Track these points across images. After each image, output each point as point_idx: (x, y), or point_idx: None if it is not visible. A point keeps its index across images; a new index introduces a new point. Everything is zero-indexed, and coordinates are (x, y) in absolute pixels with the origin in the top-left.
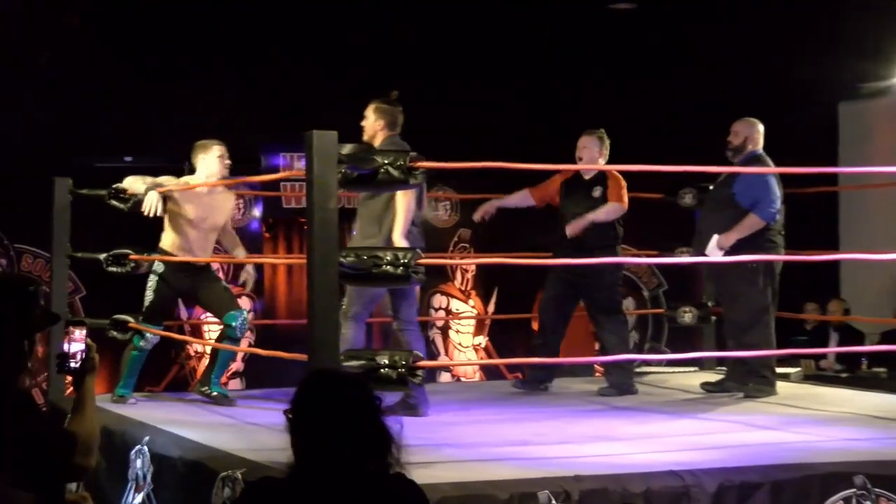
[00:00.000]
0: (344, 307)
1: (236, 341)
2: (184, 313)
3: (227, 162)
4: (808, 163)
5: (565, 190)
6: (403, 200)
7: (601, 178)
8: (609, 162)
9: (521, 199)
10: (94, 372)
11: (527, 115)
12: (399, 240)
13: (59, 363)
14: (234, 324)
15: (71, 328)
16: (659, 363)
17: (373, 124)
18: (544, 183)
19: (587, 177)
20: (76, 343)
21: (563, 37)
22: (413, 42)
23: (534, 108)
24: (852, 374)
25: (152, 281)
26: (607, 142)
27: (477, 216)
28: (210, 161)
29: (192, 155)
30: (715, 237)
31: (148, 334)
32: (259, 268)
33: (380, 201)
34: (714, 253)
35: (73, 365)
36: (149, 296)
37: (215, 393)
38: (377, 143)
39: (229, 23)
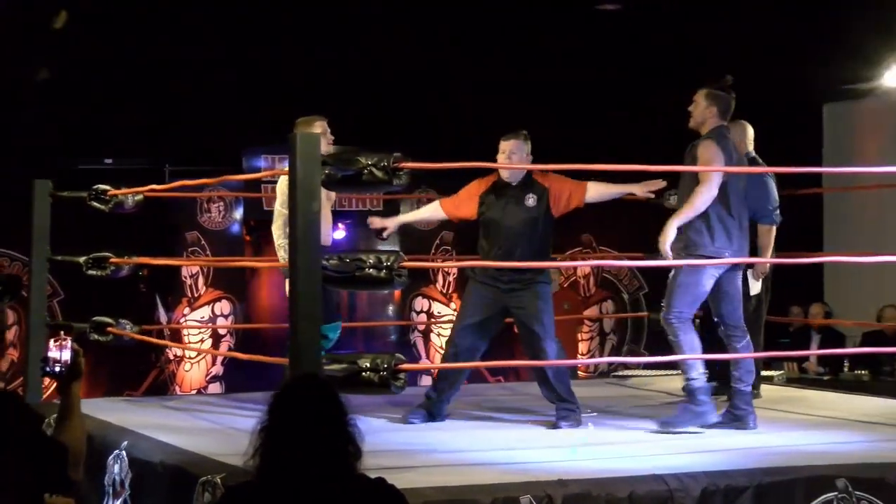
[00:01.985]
0: (664, 310)
1: None
2: (163, 317)
3: (331, 137)
4: (793, 164)
5: (491, 200)
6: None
7: (532, 184)
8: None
9: (430, 213)
10: (80, 379)
11: (511, 116)
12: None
13: (43, 366)
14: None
15: (62, 333)
16: (637, 366)
17: (703, 111)
18: (457, 196)
19: (515, 184)
20: (65, 350)
21: (550, 37)
22: (396, 43)
23: (517, 107)
24: (835, 376)
25: None
26: (529, 143)
27: (376, 225)
28: None
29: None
30: None
31: None
32: (240, 270)
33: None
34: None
35: (58, 370)
36: None
37: None
38: (705, 130)
39: (211, 25)
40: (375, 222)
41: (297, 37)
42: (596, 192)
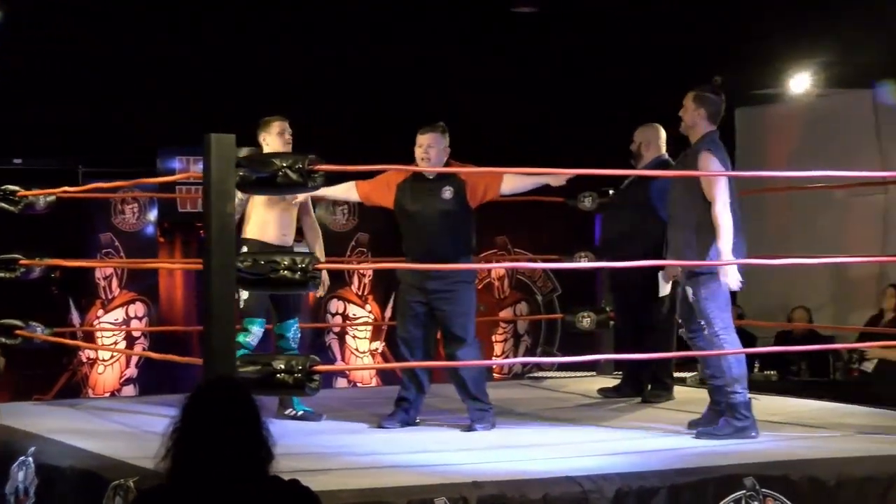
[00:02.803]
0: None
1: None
2: (76, 318)
3: (288, 137)
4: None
5: (406, 193)
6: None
7: (449, 176)
8: (479, 161)
9: (344, 192)
10: None
11: (426, 117)
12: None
13: None
14: (287, 334)
15: None
16: (551, 367)
17: (692, 114)
18: (374, 180)
19: (431, 176)
20: None
21: (466, 39)
22: (314, 44)
23: (433, 110)
24: None
25: None
26: (447, 136)
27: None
28: (272, 138)
29: (258, 134)
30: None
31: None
32: (154, 272)
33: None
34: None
35: None
36: None
37: (301, 412)
38: (695, 134)
39: (126, 25)
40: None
41: (213, 34)
42: (511, 183)
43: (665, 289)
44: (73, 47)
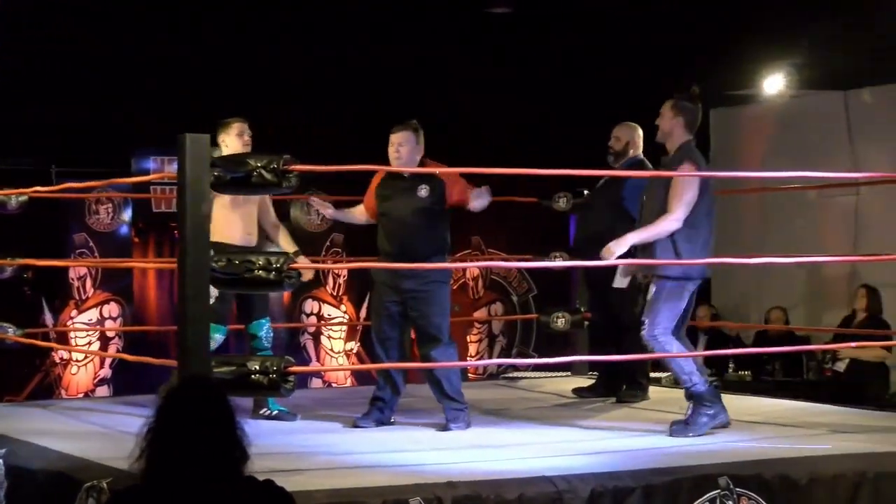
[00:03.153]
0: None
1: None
2: (49, 319)
3: (248, 139)
4: None
5: (385, 192)
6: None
7: (424, 175)
8: (453, 162)
9: (357, 213)
10: None
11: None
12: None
13: None
14: (260, 334)
15: None
16: (527, 367)
17: (669, 122)
18: (368, 191)
19: (407, 175)
20: None
21: (440, 40)
22: (285, 44)
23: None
24: (720, 377)
25: None
26: (422, 133)
27: (329, 213)
28: (231, 140)
29: (218, 135)
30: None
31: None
32: (128, 273)
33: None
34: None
35: None
36: None
37: (276, 412)
38: (672, 142)
39: (99, 24)
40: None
41: (189, 36)
42: (473, 205)
43: (621, 282)
44: (45, 47)
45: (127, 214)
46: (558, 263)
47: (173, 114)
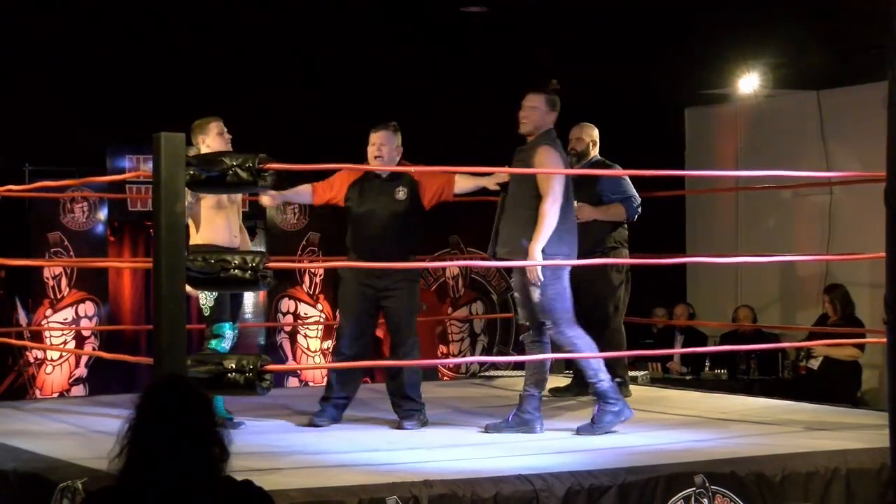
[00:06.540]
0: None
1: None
2: (23, 318)
3: (228, 136)
4: (657, 167)
5: (360, 191)
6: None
7: (401, 176)
8: (431, 162)
9: (302, 195)
10: None
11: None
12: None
13: None
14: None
15: None
16: (507, 366)
17: (543, 116)
18: (328, 181)
19: (384, 176)
20: None
21: (415, 39)
22: (262, 42)
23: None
24: (696, 376)
25: None
26: (400, 134)
27: (268, 202)
28: (212, 140)
29: (194, 136)
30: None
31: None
32: (104, 272)
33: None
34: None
35: None
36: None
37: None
38: (537, 132)
39: (75, 23)
40: (265, 200)
41: (162, 36)
42: (460, 185)
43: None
44: (18, 44)
45: (102, 213)
46: (527, 262)
47: (148, 112)
